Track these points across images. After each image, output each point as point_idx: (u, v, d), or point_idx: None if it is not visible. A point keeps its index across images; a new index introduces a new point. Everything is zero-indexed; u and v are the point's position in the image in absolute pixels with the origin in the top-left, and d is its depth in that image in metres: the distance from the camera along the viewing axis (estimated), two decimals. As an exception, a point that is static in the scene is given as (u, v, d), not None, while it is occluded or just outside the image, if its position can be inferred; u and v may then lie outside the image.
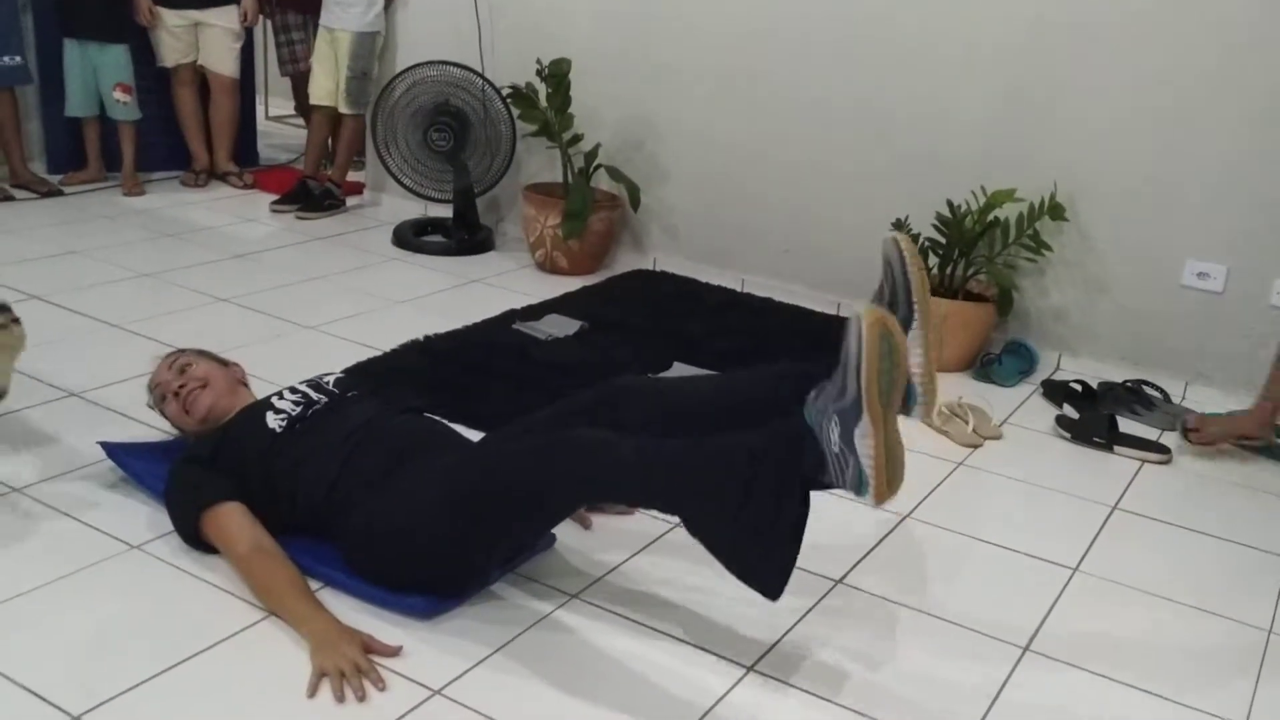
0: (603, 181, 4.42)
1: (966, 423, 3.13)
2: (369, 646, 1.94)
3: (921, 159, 3.83)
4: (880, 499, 1.68)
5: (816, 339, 3.80)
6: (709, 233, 4.36)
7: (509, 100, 4.29)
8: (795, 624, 2.16)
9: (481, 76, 4.46)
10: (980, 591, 2.35)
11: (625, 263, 4.53)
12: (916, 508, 2.68)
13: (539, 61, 4.20)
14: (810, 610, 2.21)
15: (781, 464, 1.76)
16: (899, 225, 3.60)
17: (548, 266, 4.39)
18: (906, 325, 1.76)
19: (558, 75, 4.18)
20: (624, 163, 4.40)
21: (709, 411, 2.06)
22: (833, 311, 4.09)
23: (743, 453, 1.81)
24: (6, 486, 2.42)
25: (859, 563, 2.40)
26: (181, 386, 2.45)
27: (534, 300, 3.96)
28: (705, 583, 2.27)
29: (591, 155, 4.31)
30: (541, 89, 4.24)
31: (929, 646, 2.14)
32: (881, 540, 2.52)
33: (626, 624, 2.12)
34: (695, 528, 1.86)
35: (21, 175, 4.80)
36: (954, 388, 3.43)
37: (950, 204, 3.57)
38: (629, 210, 4.42)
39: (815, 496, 1.80)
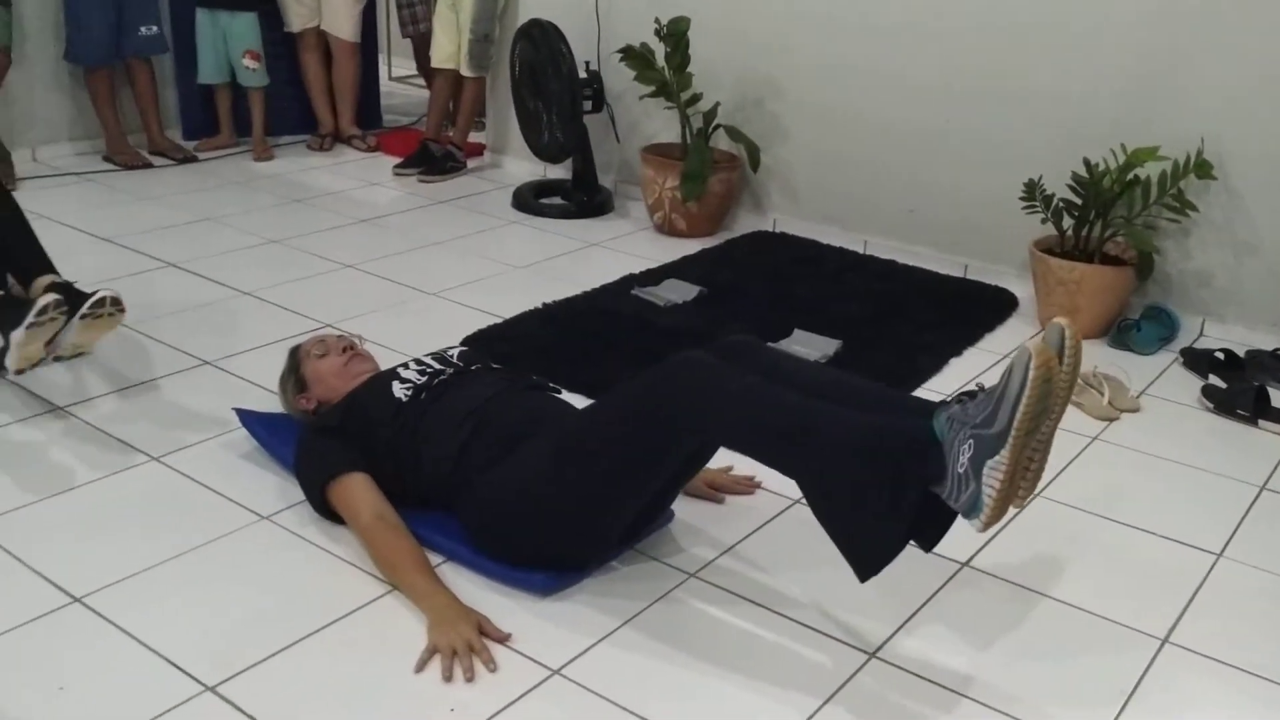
0: (722, 141, 4.35)
1: (1101, 394, 3.00)
2: (483, 628, 1.96)
3: (1057, 120, 3.65)
4: (987, 528, 1.66)
5: (941, 303, 3.69)
6: (830, 193, 4.26)
7: (622, 60, 4.24)
8: (920, 609, 2.11)
9: (555, 34, 4.39)
10: (1115, 577, 2.25)
11: (744, 224, 4.46)
12: (1048, 485, 2.58)
13: (657, 21, 4.13)
14: (935, 595, 2.16)
15: (903, 459, 1.73)
16: (1032, 190, 3.45)
17: (666, 229, 4.35)
18: (1000, 439, 1.61)
19: (676, 34, 4.11)
20: (743, 122, 4.31)
21: (823, 393, 1.95)
22: (959, 274, 3.96)
23: (869, 430, 1.78)
24: (145, 455, 2.52)
25: (987, 544, 2.33)
26: (350, 347, 2.55)
27: (652, 264, 3.93)
28: (826, 564, 2.21)
29: (710, 115, 4.24)
30: (659, 48, 4.18)
31: (1060, 636, 2.06)
32: (1010, 520, 2.43)
33: (746, 605, 2.10)
34: (805, 484, 1.84)
35: (158, 143, 4.95)
36: (1089, 356, 3.27)
37: (1087, 163, 3.40)
38: (748, 171, 4.34)
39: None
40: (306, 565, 2.16)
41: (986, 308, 3.69)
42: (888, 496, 1.73)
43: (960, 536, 2.28)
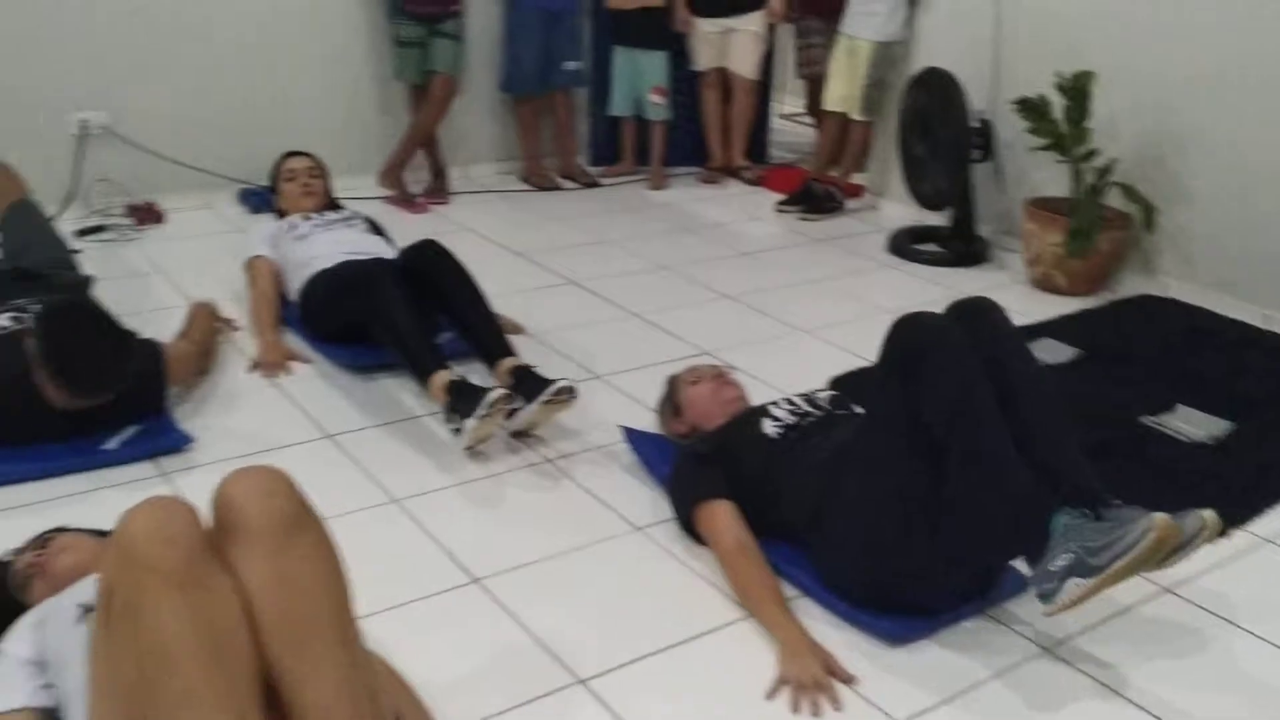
0: (1113, 198, 4.19)
1: None
2: (831, 666, 2.06)
3: None
4: (1050, 616, 1.97)
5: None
6: (1231, 259, 3.99)
7: (1018, 112, 4.19)
8: (1291, 724, 1.99)
9: (952, 83, 4.38)
10: None
11: (1129, 286, 4.26)
12: None
13: (1058, 74, 4.05)
14: (1310, 712, 2.03)
15: (1019, 533, 2.01)
16: None
17: (1044, 285, 4.25)
18: (1093, 570, 1.86)
19: (1078, 89, 4.01)
20: (1139, 179, 4.13)
21: (1013, 409, 2.08)
22: (1378, 362, 3.60)
23: (1015, 491, 2.01)
24: (541, 457, 2.83)
25: (1378, 668, 2.15)
26: (720, 375, 2.75)
27: (1027, 321, 3.83)
28: (1187, 660, 2.15)
29: (1105, 171, 4.10)
30: (1057, 99, 4.10)
31: None
32: None
33: (1097, 688, 2.06)
34: (949, 480, 2.03)
35: (569, 167, 5.45)
36: None
37: None
38: (1139, 230, 4.16)
39: None
40: (673, 580, 2.35)
41: None
42: (984, 544, 2.08)
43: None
